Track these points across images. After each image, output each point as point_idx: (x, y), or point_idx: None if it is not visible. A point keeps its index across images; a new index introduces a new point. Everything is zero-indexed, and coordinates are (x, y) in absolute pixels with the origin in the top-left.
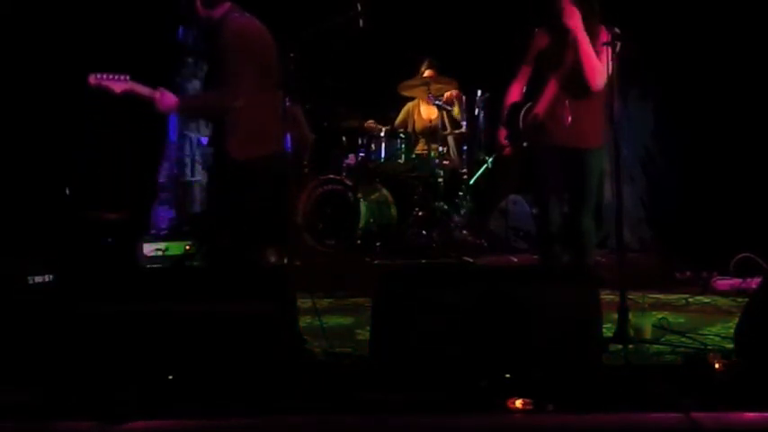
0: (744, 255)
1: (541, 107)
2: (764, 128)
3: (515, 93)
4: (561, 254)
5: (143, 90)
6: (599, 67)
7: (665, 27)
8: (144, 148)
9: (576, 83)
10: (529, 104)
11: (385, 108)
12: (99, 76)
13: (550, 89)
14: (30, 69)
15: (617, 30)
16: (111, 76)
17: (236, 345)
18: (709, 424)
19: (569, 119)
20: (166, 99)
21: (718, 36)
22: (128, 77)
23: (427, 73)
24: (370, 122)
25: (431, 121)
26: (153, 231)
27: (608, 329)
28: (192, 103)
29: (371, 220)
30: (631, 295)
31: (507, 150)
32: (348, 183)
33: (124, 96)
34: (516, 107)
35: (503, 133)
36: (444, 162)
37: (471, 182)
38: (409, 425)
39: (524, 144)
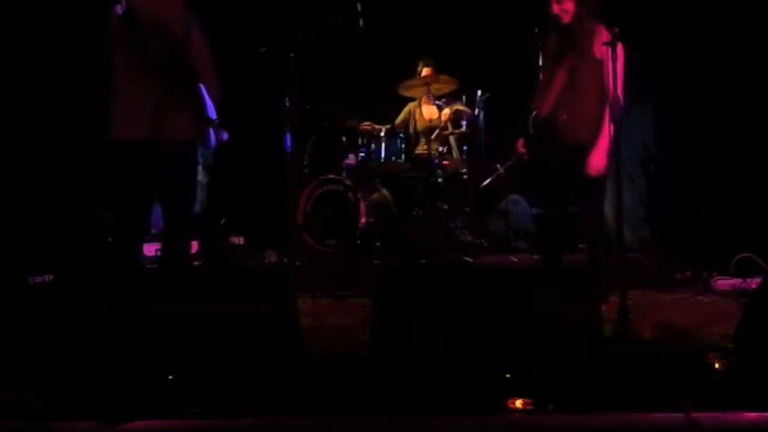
0: (744, 255)
1: (545, 107)
2: (764, 128)
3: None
4: (560, 252)
5: None
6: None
7: (665, 28)
8: None
9: (572, 82)
10: (535, 112)
11: (385, 108)
12: None
13: (553, 89)
14: (29, 68)
15: (616, 30)
16: None
17: (237, 345)
18: (709, 424)
19: (564, 117)
20: None
21: (719, 36)
22: None
23: (425, 71)
24: (366, 125)
25: (431, 121)
26: (153, 231)
27: (608, 329)
28: None
29: (371, 220)
30: (631, 295)
31: (526, 157)
32: (348, 183)
33: None
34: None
35: (521, 142)
36: (444, 162)
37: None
38: (409, 425)
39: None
